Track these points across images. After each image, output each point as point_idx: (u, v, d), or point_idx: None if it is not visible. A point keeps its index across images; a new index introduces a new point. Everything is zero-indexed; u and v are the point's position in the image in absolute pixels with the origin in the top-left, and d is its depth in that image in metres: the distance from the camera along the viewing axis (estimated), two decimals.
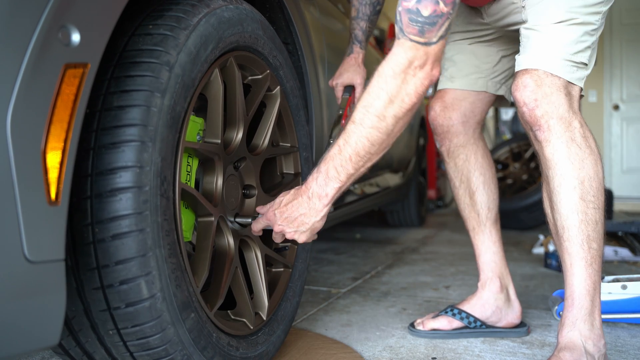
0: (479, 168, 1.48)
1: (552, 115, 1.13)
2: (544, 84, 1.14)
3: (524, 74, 1.16)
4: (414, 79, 0.99)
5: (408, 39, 0.98)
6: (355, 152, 1.03)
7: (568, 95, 1.15)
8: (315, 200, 1.07)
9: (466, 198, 1.49)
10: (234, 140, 1.13)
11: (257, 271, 1.19)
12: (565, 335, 1.14)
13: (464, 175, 1.48)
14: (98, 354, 0.90)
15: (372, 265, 2.52)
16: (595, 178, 1.14)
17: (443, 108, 1.46)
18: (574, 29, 1.15)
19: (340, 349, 1.37)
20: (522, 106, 1.16)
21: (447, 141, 1.48)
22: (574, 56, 1.15)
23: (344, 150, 1.04)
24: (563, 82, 1.14)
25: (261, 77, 1.23)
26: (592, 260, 1.13)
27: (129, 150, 0.80)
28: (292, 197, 1.09)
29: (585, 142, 1.14)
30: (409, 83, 0.99)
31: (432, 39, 0.98)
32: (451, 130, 1.46)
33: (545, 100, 1.13)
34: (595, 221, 1.13)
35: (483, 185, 1.47)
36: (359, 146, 1.02)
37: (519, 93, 1.16)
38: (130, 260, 0.79)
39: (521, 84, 1.16)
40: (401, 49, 0.99)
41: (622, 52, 5.79)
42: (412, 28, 0.97)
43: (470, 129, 1.47)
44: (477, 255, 1.50)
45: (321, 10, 1.77)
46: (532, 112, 1.14)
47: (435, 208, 5.42)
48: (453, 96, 1.46)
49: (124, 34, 0.88)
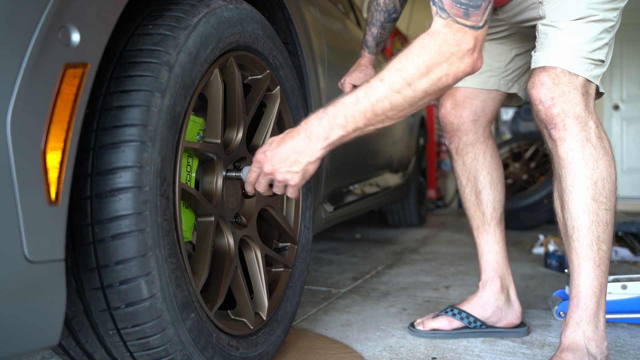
0: (487, 167, 1.47)
1: (569, 114, 1.12)
2: (562, 82, 1.12)
3: (541, 71, 1.15)
4: (459, 62, 0.96)
5: (455, 21, 0.95)
6: (372, 109, 0.98)
7: (585, 95, 1.14)
8: (314, 140, 1.01)
9: (472, 197, 1.48)
10: (234, 140, 1.13)
11: (257, 271, 1.19)
12: (569, 335, 1.14)
13: (472, 173, 1.48)
14: (98, 354, 0.90)
15: (372, 265, 2.52)
16: (608, 179, 1.13)
17: (454, 106, 1.46)
18: (593, 25, 1.13)
19: (340, 349, 1.37)
20: (538, 104, 1.14)
21: (456, 139, 1.48)
22: (592, 54, 1.13)
23: (361, 103, 0.99)
24: (581, 80, 1.13)
25: (261, 77, 1.22)
26: (601, 261, 1.12)
27: (129, 150, 0.80)
28: (285, 136, 1.04)
29: (600, 143, 1.13)
30: (453, 64, 0.96)
31: (479, 23, 0.95)
32: (461, 128, 1.46)
33: (562, 98, 1.12)
34: (606, 223, 1.12)
35: (490, 185, 1.47)
36: (378, 105, 0.98)
37: (535, 90, 1.14)
38: (130, 260, 0.79)
39: (538, 81, 1.14)
40: (448, 29, 0.95)
41: (622, 52, 5.79)
42: (457, 10, 0.95)
43: (480, 127, 1.47)
44: (480, 255, 1.50)
45: (321, 10, 1.77)
46: (548, 110, 1.13)
47: (435, 208, 5.42)
48: (464, 94, 1.45)
49: (124, 34, 0.88)
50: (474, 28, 0.95)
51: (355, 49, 2.14)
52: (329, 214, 1.74)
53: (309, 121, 1.02)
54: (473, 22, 0.95)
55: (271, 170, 1.04)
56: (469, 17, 0.95)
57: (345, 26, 2.13)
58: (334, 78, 1.74)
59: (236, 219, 1.17)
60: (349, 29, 2.19)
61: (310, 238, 1.42)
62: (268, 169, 1.04)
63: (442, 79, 0.97)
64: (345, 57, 1.94)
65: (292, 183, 1.05)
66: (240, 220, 1.18)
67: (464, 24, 0.95)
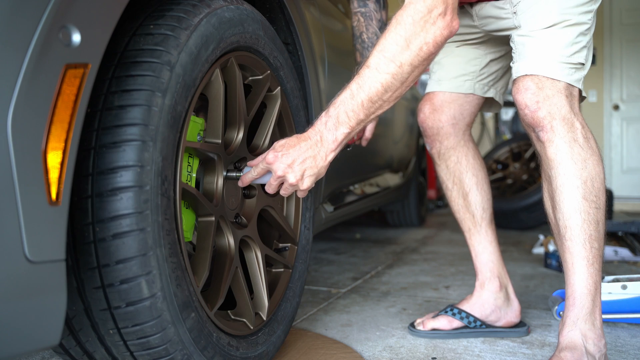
0: (471, 169, 1.48)
1: (555, 116, 1.14)
2: (545, 87, 1.14)
3: (524, 77, 1.17)
4: (434, 27, 1.00)
5: None
6: (368, 97, 1.02)
7: (569, 97, 1.16)
8: (325, 143, 1.05)
9: (460, 200, 1.48)
10: (234, 140, 1.13)
11: (258, 271, 1.19)
12: (566, 335, 1.14)
13: (457, 177, 1.48)
14: (98, 353, 0.90)
15: (372, 265, 2.52)
16: (597, 178, 1.14)
17: (432, 110, 1.47)
18: (568, 30, 1.15)
19: (340, 349, 1.37)
20: (523, 108, 1.16)
21: (437, 143, 1.48)
22: (571, 58, 1.15)
23: (356, 96, 1.03)
24: (563, 84, 1.15)
25: (262, 78, 1.23)
26: (594, 259, 1.14)
27: (130, 150, 0.80)
28: (295, 141, 1.06)
29: (587, 143, 1.15)
30: (429, 31, 1.00)
31: None
32: (441, 132, 1.46)
33: (547, 102, 1.14)
34: (597, 221, 1.14)
35: (476, 186, 1.47)
36: (372, 92, 1.02)
37: (520, 95, 1.16)
38: (130, 259, 0.79)
39: (522, 87, 1.16)
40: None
41: (622, 52, 5.79)
42: None
43: (460, 131, 1.47)
44: (474, 256, 1.51)
45: (321, 10, 1.77)
46: (534, 114, 1.15)
47: (435, 208, 5.42)
48: (442, 98, 1.46)
49: (125, 34, 0.88)
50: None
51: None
52: (329, 214, 1.74)
53: (316, 126, 1.06)
54: None
55: (283, 174, 1.05)
56: None
57: (346, 26, 2.13)
58: (334, 78, 1.74)
59: (236, 219, 1.17)
60: (349, 29, 2.19)
61: (310, 238, 1.42)
62: (280, 172, 1.05)
63: (422, 48, 1.01)
64: (345, 57, 1.93)
65: (303, 187, 1.08)
66: (240, 221, 1.18)
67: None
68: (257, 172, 1.08)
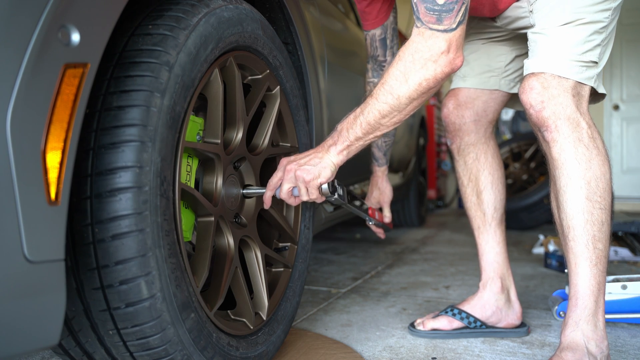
0: (489, 167, 1.48)
1: (560, 115, 1.13)
2: (551, 86, 1.14)
3: (530, 76, 1.17)
4: (434, 65, 1.05)
5: (427, 28, 1.03)
6: (366, 120, 1.12)
7: (576, 96, 1.15)
8: (332, 155, 1.16)
9: (473, 197, 1.49)
10: (233, 140, 1.13)
11: (257, 271, 1.19)
12: (568, 335, 1.14)
13: (473, 174, 1.49)
14: (98, 354, 0.90)
15: (372, 265, 2.52)
16: (602, 179, 1.13)
17: (456, 106, 1.47)
18: (582, 28, 1.15)
19: (340, 349, 1.37)
20: (529, 108, 1.16)
21: (458, 139, 1.49)
22: (582, 56, 1.15)
23: (358, 118, 1.13)
24: (571, 83, 1.14)
25: (261, 77, 1.22)
26: (597, 260, 1.13)
27: (129, 150, 0.79)
28: (308, 152, 1.18)
29: (593, 143, 1.14)
30: (429, 69, 1.05)
31: (452, 25, 1.01)
32: (463, 128, 1.47)
33: (552, 101, 1.14)
34: (601, 222, 1.13)
35: (491, 185, 1.47)
36: (370, 115, 1.11)
37: (525, 95, 1.17)
38: (130, 260, 0.79)
39: (527, 86, 1.16)
40: (421, 37, 1.04)
41: (622, 52, 5.79)
42: (430, 17, 1.02)
43: (482, 127, 1.48)
44: (480, 255, 1.50)
45: (321, 10, 1.77)
46: (538, 113, 1.15)
47: (435, 208, 5.42)
48: (466, 94, 1.47)
49: (124, 34, 0.88)
50: (447, 31, 1.03)
51: (355, 49, 2.14)
52: (328, 214, 1.74)
53: (327, 141, 1.17)
54: (446, 25, 1.02)
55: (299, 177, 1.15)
56: (441, 22, 1.02)
57: (345, 26, 2.13)
58: (334, 78, 1.74)
59: (236, 219, 1.17)
60: (349, 29, 2.19)
61: (310, 238, 1.42)
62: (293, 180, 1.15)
63: (422, 83, 1.07)
64: (345, 57, 1.94)
65: (313, 197, 1.17)
66: (240, 220, 1.18)
67: (436, 29, 1.03)
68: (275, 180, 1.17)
